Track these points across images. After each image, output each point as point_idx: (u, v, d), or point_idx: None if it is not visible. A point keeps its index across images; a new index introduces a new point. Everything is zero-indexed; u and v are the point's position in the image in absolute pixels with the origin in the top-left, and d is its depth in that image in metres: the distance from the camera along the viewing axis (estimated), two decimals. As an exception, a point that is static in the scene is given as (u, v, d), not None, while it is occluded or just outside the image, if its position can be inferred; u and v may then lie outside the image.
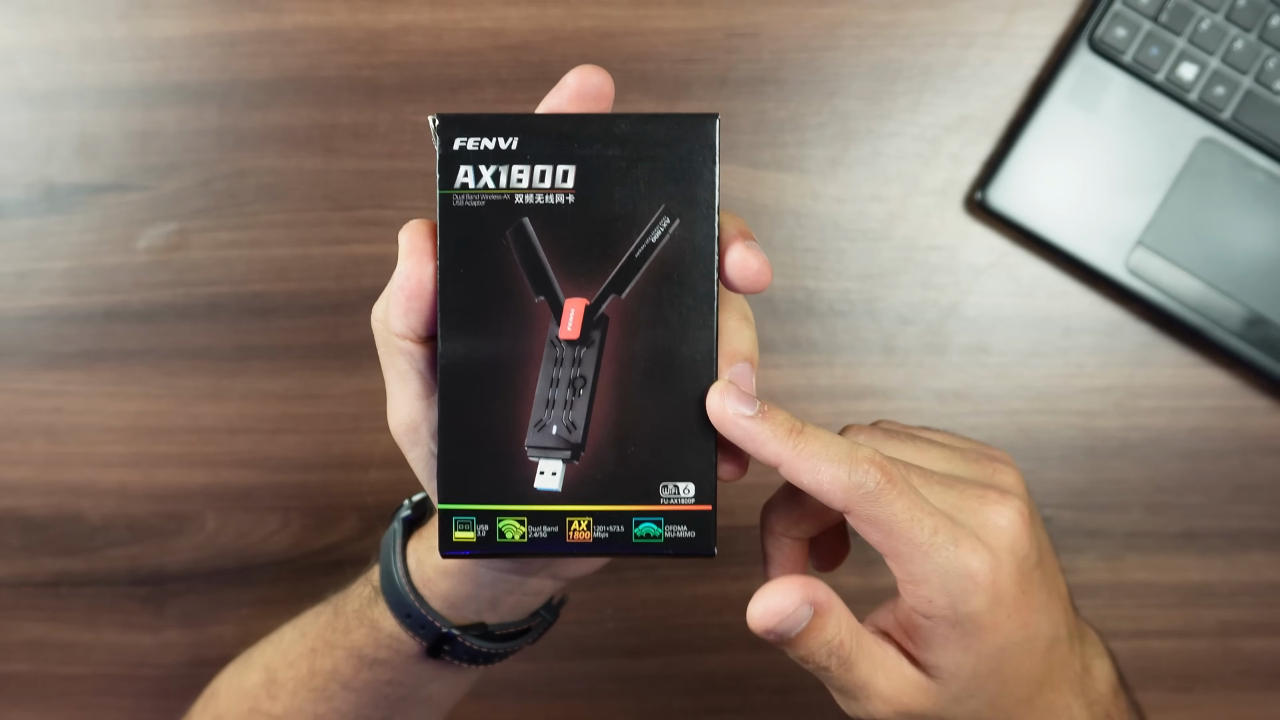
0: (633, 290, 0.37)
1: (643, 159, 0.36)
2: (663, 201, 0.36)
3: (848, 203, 0.65)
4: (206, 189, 0.65)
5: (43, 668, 0.66)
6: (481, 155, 0.36)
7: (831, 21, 0.65)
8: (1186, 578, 0.65)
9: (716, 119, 0.36)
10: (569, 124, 0.37)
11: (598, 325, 0.37)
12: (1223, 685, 0.65)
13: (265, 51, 0.65)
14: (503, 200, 0.36)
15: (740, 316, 0.38)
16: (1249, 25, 0.63)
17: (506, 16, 0.65)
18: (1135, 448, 0.65)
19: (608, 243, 0.36)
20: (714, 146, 0.37)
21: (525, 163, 0.36)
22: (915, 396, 0.65)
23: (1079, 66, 0.63)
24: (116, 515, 0.66)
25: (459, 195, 0.37)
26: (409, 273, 0.36)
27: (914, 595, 0.37)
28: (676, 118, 0.36)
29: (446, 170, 0.36)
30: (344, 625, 0.47)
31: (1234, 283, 0.63)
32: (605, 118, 0.37)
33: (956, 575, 0.36)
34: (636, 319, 0.37)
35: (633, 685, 0.66)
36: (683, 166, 0.36)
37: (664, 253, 0.37)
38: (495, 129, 0.36)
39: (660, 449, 0.37)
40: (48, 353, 0.65)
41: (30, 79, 0.65)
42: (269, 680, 0.50)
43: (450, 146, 0.36)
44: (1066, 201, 0.63)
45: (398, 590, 0.45)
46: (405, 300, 0.37)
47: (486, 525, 0.37)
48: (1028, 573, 0.38)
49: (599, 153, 0.36)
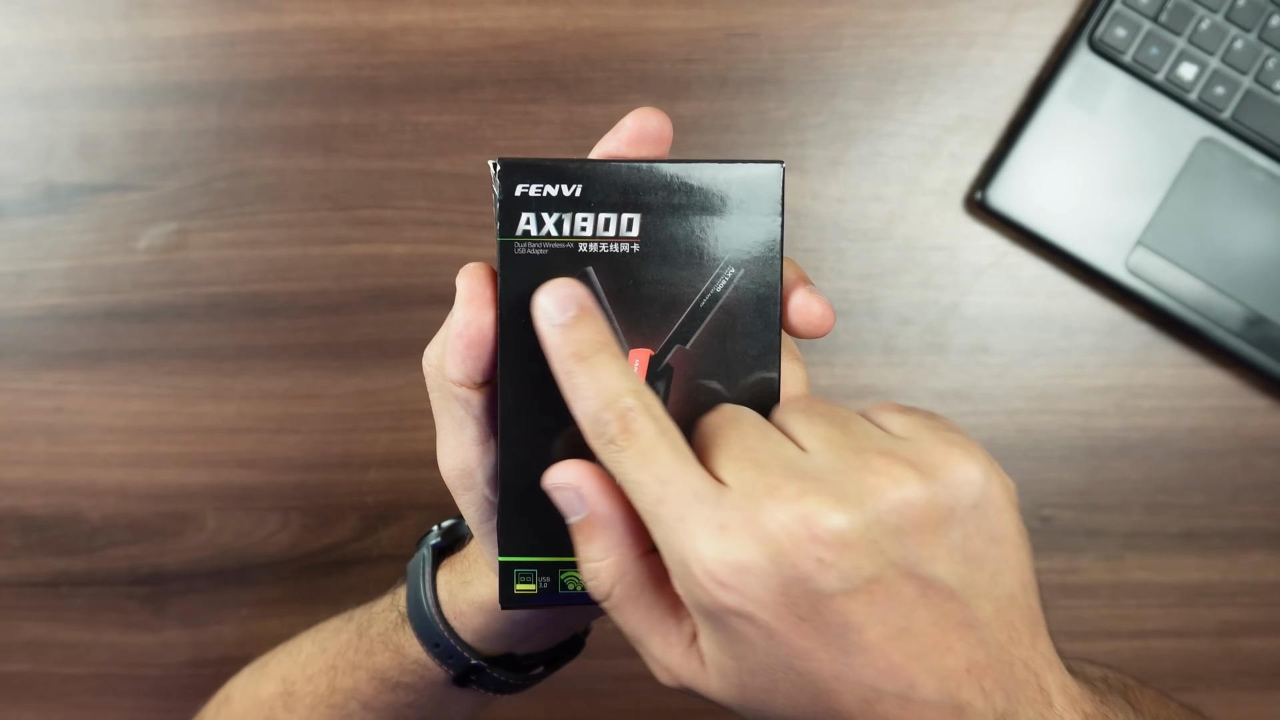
0: (697, 340, 0.36)
1: (708, 208, 0.36)
2: (727, 251, 0.36)
3: (848, 203, 0.65)
4: (206, 189, 0.65)
5: (43, 668, 0.66)
6: (544, 202, 0.36)
7: (831, 21, 0.65)
8: (1186, 577, 0.65)
9: (782, 167, 0.36)
10: (635, 172, 0.36)
11: (662, 376, 0.36)
12: (1223, 685, 0.65)
13: (265, 51, 0.65)
14: (566, 249, 0.36)
15: (792, 358, 0.37)
16: (1249, 25, 0.63)
17: (506, 16, 0.65)
18: (1135, 448, 0.65)
19: (672, 293, 0.36)
20: (779, 195, 0.36)
21: (589, 210, 0.36)
22: (915, 396, 0.65)
23: (1079, 66, 0.63)
24: (116, 515, 0.66)
25: (520, 243, 0.36)
26: (469, 320, 0.35)
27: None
28: (743, 165, 0.36)
29: (508, 217, 0.36)
30: (368, 647, 0.47)
31: (1234, 283, 0.63)
32: (671, 165, 0.36)
33: (676, 558, 0.31)
34: (701, 369, 0.36)
35: (633, 685, 0.66)
36: (747, 215, 0.36)
37: (728, 302, 0.36)
38: (559, 175, 0.36)
39: None
40: (48, 353, 0.65)
41: (30, 79, 0.65)
42: (286, 692, 0.50)
43: (512, 192, 0.36)
44: (1066, 201, 0.63)
45: (427, 620, 0.44)
46: (464, 348, 0.36)
47: (548, 577, 0.37)
48: (812, 595, 0.30)
49: (664, 200, 0.36)
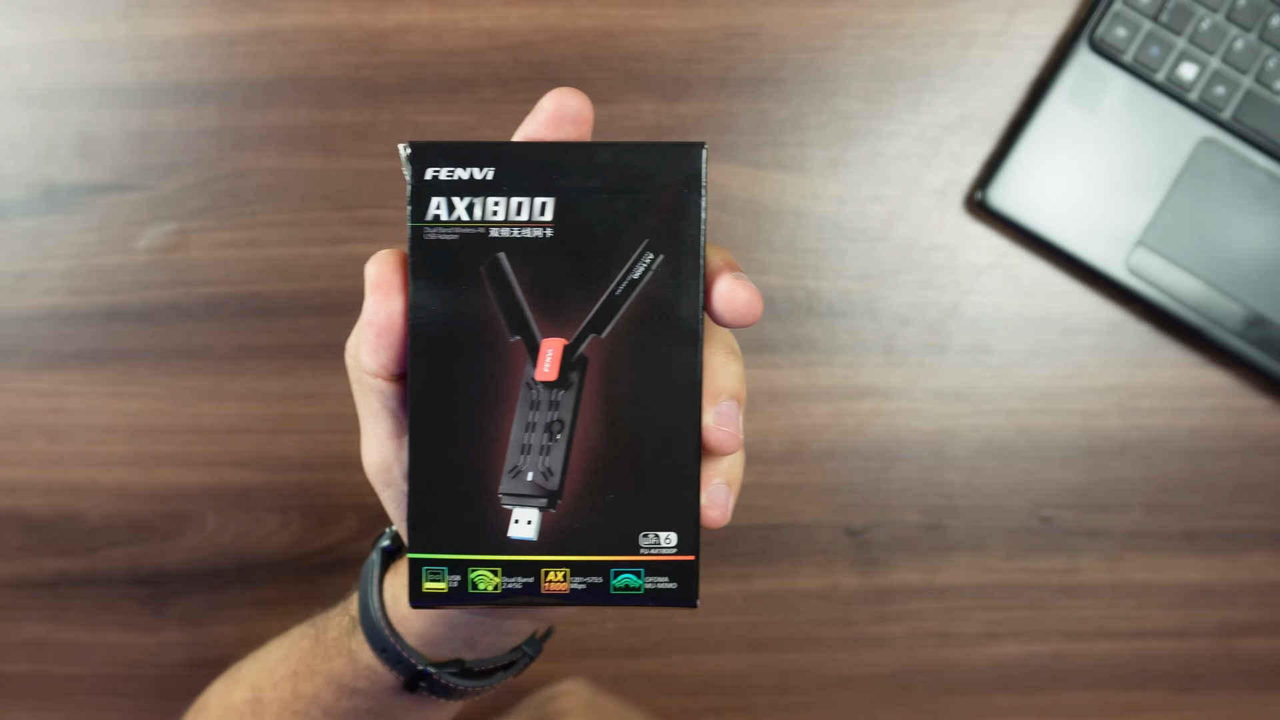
0: (614, 329, 0.35)
1: (625, 190, 0.34)
2: (645, 236, 0.35)
3: (848, 203, 0.65)
4: (206, 189, 0.65)
5: (43, 668, 0.66)
6: (455, 186, 0.35)
7: (831, 21, 0.65)
8: (1187, 578, 0.65)
9: (703, 148, 0.35)
10: (548, 153, 0.35)
11: (576, 366, 0.35)
12: (1223, 685, 0.65)
13: (265, 51, 0.65)
14: (477, 234, 0.35)
15: (726, 351, 0.36)
16: (1249, 25, 0.63)
17: (506, 16, 0.65)
18: (1135, 448, 0.65)
19: (588, 279, 0.35)
20: (700, 177, 0.35)
21: (501, 194, 0.35)
22: (915, 396, 0.65)
23: (1079, 66, 0.63)
24: (116, 515, 0.66)
25: (431, 228, 0.35)
26: (378, 307, 0.35)
27: None
28: (661, 147, 0.35)
29: (418, 202, 0.35)
30: (324, 652, 0.47)
31: (1234, 283, 0.63)
32: (586, 146, 0.35)
33: None
34: (617, 359, 0.35)
35: (633, 685, 0.66)
36: (667, 198, 0.35)
37: (647, 289, 0.35)
38: (470, 158, 0.34)
39: (641, 497, 0.35)
40: (48, 353, 0.65)
41: (30, 79, 0.65)
42: (255, 699, 0.49)
43: (422, 177, 0.35)
44: (1067, 201, 0.63)
45: (374, 624, 0.44)
46: (375, 337, 0.35)
47: (458, 575, 0.35)
48: None
49: (579, 184, 0.34)
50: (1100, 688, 0.65)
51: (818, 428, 0.64)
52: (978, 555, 0.65)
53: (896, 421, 0.65)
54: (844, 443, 0.64)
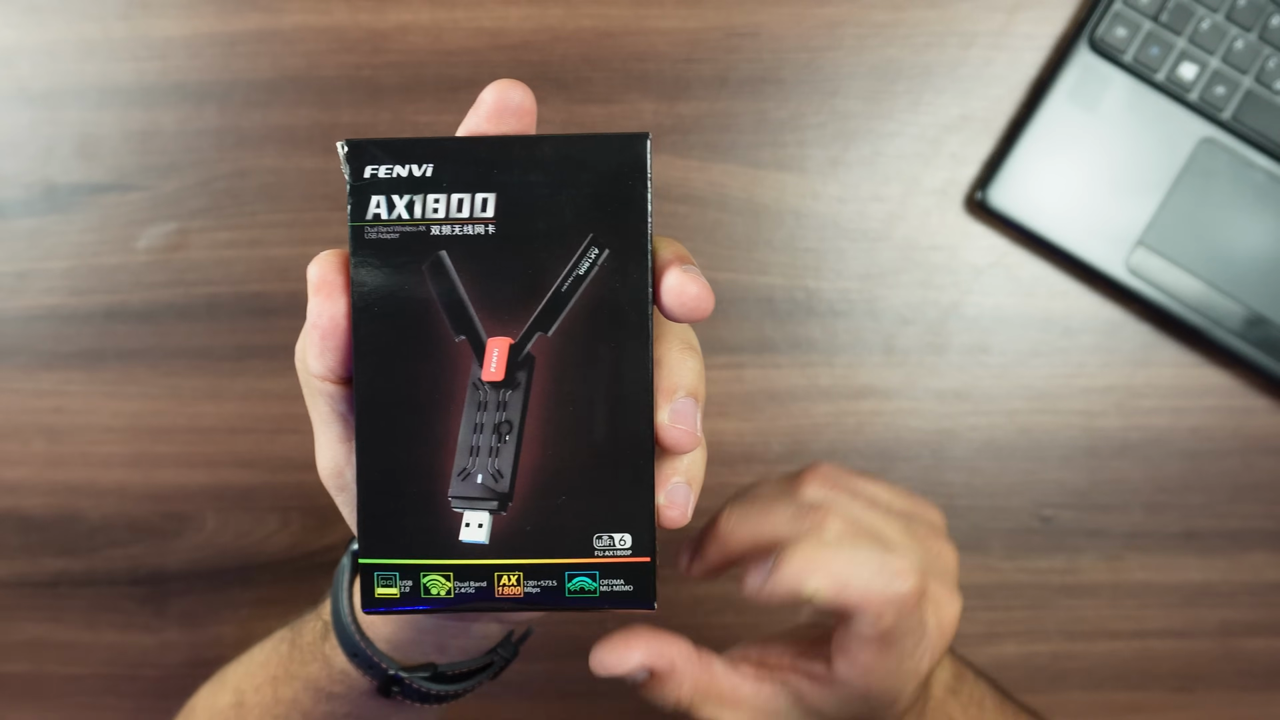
0: (560, 327, 0.34)
1: (568, 184, 0.34)
2: (590, 230, 0.34)
3: (848, 203, 0.65)
4: (206, 189, 0.65)
5: (43, 668, 0.66)
6: (394, 184, 0.34)
7: (831, 21, 0.65)
8: (1187, 578, 0.65)
9: (647, 138, 0.34)
10: (487, 148, 0.34)
11: (523, 366, 0.34)
12: (1223, 685, 0.65)
13: (265, 51, 0.65)
14: (418, 232, 0.34)
15: (683, 346, 0.35)
16: (1249, 25, 0.63)
17: (506, 16, 0.65)
18: (1135, 448, 0.65)
19: (532, 276, 0.34)
20: (645, 168, 0.34)
21: (442, 191, 0.34)
22: (915, 396, 0.65)
23: (1079, 66, 0.63)
24: (116, 515, 0.66)
25: (371, 227, 0.34)
26: (320, 309, 0.34)
27: None
28: (604, 138, 0.34)
29: (358, 201, 0.34)
30: (301, 657, 0.47)
31: (1234, 283, 0.63)
32: (526, 140, 0.34)
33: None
34: (565, 358, 0.34)
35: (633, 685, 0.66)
36: (611, 191, 0.34)
37: (593, 285, 0.34)
38: (408, 155, 0.34)
39: (594, 498, 0.34)
40: (48, 353, 0.65)
41: (30, 79, 0.65)
42: (238, 703, 0.49)
43: (361, 175, 0.34)
44: (1067, 201, 0.63)
45: (345, 629, 0.43)
46: (320, 339, 0.35)
47: (410, 580, 0.35)
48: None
49: (521, 179, 0.34)
50: (1100, 688, 0.65)
51: (818, 428, 0.64)
52: (978, 555, 0.65)
53: (897, 421, 0.65)
54: (844, 443, 0.64)
